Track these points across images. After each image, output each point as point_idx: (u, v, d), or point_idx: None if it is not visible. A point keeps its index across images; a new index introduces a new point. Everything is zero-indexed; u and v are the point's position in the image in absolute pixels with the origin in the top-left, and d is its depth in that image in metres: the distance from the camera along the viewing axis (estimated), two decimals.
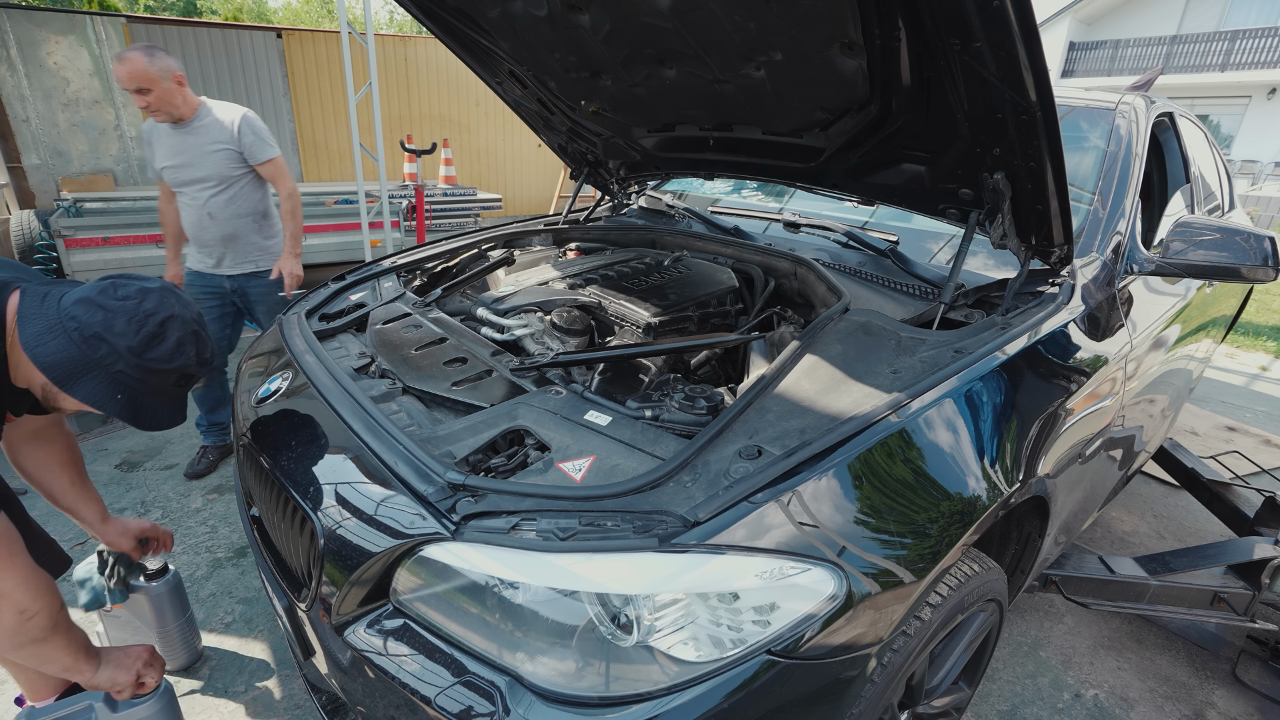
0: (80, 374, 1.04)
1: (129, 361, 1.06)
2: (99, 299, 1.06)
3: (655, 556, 0.88)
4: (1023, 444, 1.24)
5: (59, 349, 1.02)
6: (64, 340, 1.03)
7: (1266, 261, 1.63)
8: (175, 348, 1.11)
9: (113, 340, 1.04)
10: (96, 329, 1.04)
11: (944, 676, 1.37)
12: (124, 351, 1.05)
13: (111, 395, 1.07)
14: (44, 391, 1.10)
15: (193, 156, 2.47)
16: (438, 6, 1.81)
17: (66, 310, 1.04)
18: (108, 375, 1.06)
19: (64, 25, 6.19)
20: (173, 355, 1.10)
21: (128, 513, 2.48)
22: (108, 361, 1.05)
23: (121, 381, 1.07)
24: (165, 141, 2.46)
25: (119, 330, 1.05)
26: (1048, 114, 1.13)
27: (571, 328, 1.66)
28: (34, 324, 1.03)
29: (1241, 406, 4.13)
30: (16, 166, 6.14)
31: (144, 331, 1.07)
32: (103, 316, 1.04)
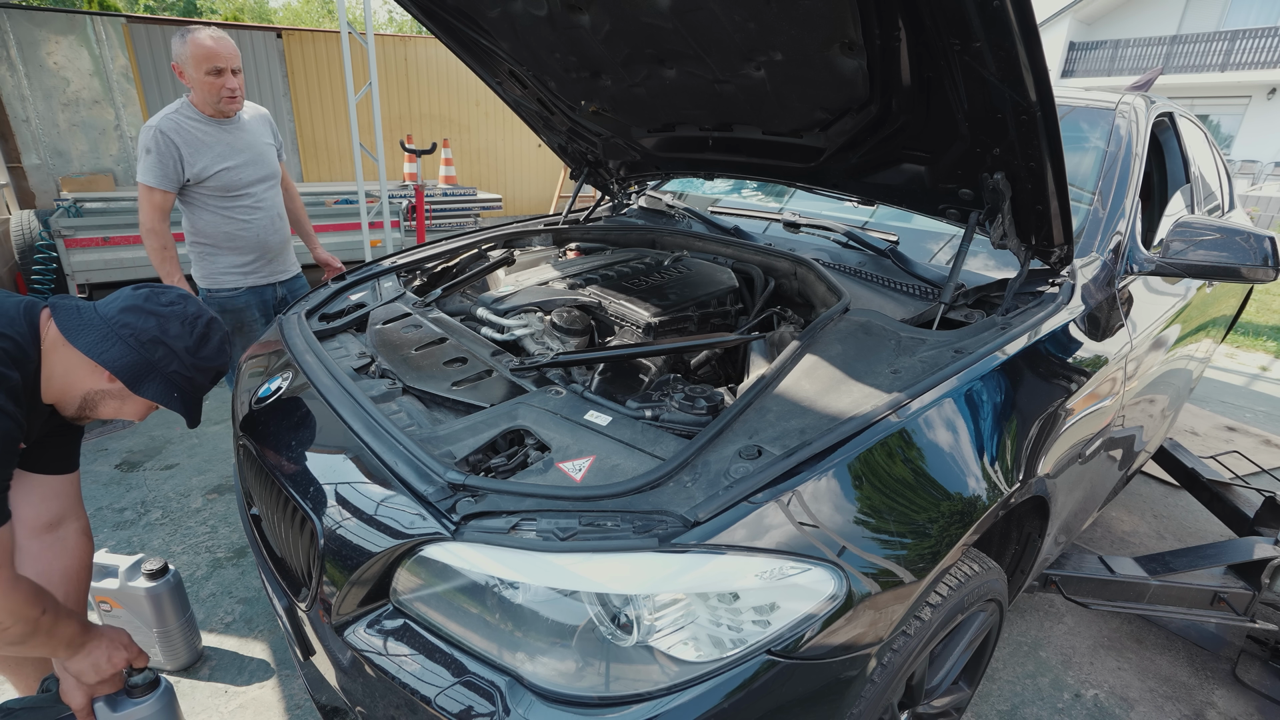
0: (144, 376, 1.12)
1: (184, 361, 1.15)
2: (147, 306, 1.14)
3: (655, 556, 0.88)
4: (1023, 444, 1.24)
5: (123, 354, 1.10)
6: (124, 346, 1.10)
7: (1266, 261, 1.63)
8: (219, 347, 1.22)
9: (170, 342, 1.13)
10: (154, 333, 1.12)
11: (944, 676, 1.37)
12: (181, 352, 1.14)
13: (170, 394, 1.16)
14: (84, 401, 1.13)
15: (255, 153, 2.23)
16: (438, 6, 1.81)
17: (116, 319, 1.11)
18: (164, 376, 1.14)
19: (64, 25, 6.19)
20: (218, 353, 1.21)
21: (128, 512, 2.48)
22: (165, 363, 1.14)
23: (176, 381, 1.16)
24: (208, 141, 2.11)
25: (174, 333, 1.14)
26: (1048, 114, 1.13)
27: (571, 328, 1.66)
28: (87, 334, 1.09)
29: (1241, 406, 4.13)
30: (16, 166, 6.14)
31: (195, 333, 1.16)
32: (157, 322, 1.13)
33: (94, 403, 1.15)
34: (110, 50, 6.46)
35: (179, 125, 2.07)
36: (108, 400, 1.15)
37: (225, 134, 2.16)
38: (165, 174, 2.06)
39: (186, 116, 2.09)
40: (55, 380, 1.10)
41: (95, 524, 2.40)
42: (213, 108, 2.10)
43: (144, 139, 2.05)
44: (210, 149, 2.12)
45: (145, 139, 2.04)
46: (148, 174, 2.06)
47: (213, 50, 2.00)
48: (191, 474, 2.77)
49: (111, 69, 6.51)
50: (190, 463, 2.86)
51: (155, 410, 1.23)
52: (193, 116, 2.10)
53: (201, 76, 2.02)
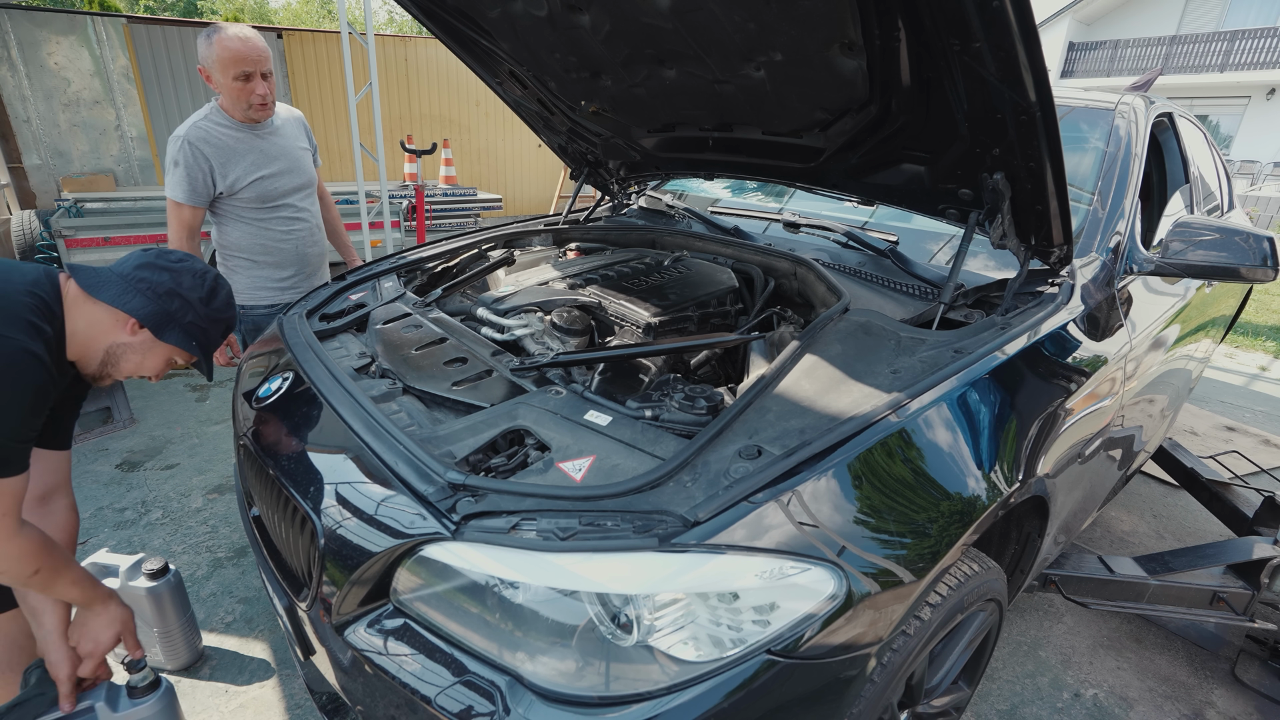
0: (165, 324, 1.18)
1: (198, 312, 1.21)
2: (159, 262, 1.20)
3: (655, 556, 0.88)
4: (1022, 444, 1.24)
5: (145, 304, 1.16)
6: (145, 297, 1.16)
7: (1265, 261, 1.63)
8: (227, 299, 1.29)
9: (185, 294, 1.20)
10: (169, 285, 1.18)
11: (944, 676, 1.37)
12: (196, 303, 1.21)
13: (189, 342, 1.22)
14: (107, 355, 1.17)
15: (290, 160, 2.09)
16: (438, 6, 1.81)
17: (132, 275, 1.17)
18: (182, 326, 1.21)
19: (65, 26, 6.20)
20: (227, 305, 1.28)
21: (128, 512, 2.49)
22: (181, 313, 1.20)
23: (192, 331, 1.22)
24: (240, 149, 1.97)
25: (188, 285, 1.21)
26: (1047, 114, 1.13)
27: (571, 328, 1.66)
28: (108, 289, 1.14)
29: (1241, 406, 4.13)
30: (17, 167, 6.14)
31: (206, 285, 1.24)
32: (170, 276, 1.19)
33: (116, 357, 1.18)
34: (111, 50, 6.46)
35: (208, 134, 1.93)
36: (129, 354, 1.19)
37: (259, 140, 2.01)
38: (195, 188, 1.93)
39: (216, 123, 1.95)
40: (79, 335, 1.14)
41: (95, 524, 2.40)
42: (242, 114, 1.97)
43: (171, 151, 1.91)
44: (244, 157, 1.98)
45: (172, 151, 1.91)
46: (176, 189, 1.92)
47: (240, 53, 1.86)
48: (192, 474, 2.77)
49: (112, 69, 6.52)
50: (190, 462, 2.86)
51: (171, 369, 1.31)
52: (223, 123, 1.96)
53: (229, 82, 1.88)
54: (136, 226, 4.46)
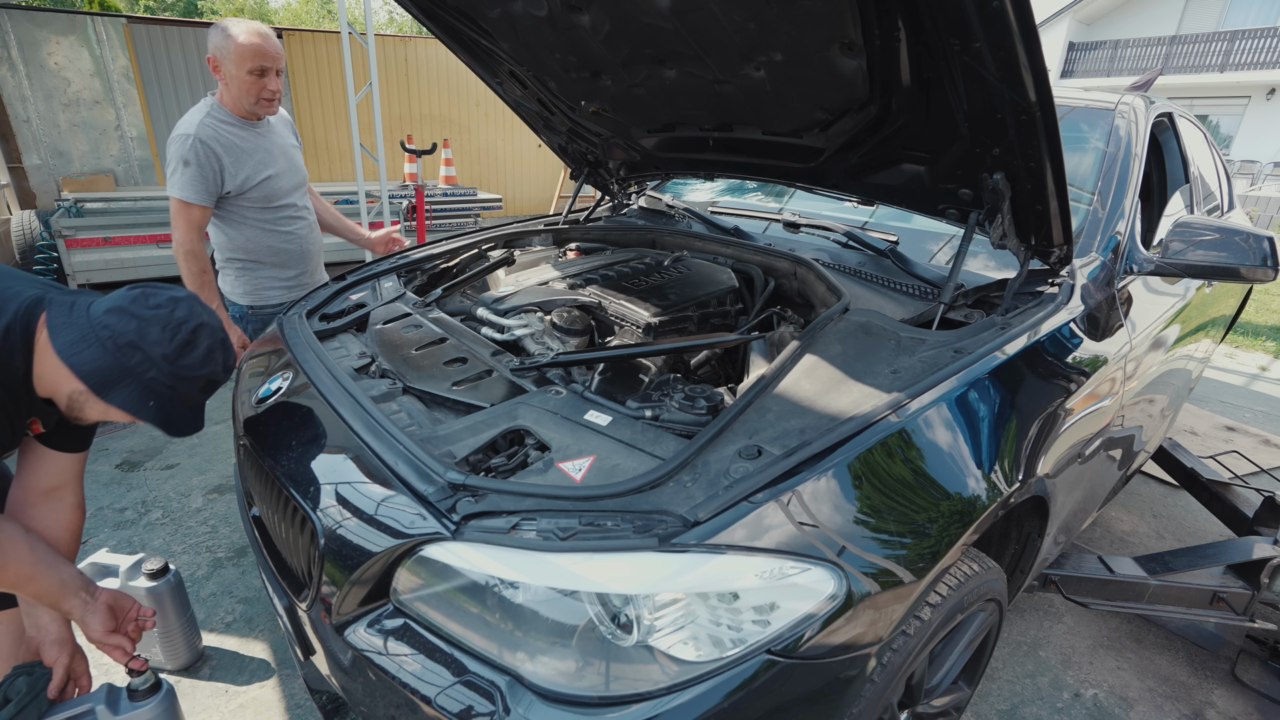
0: (116, 381, 1.07)
1: (162, 369, 1.08)
2: (132, 308, 1.08)
3: (655, 556, 0.88)
4: (1022, 444, 1.24)
5: (94, 357, 1.05)
6: (99, 349, 1.05)
7: (1265, 261, 1.63)
8: (206, 355, 1.14)
9: (147, 348, 1.07)
10: (131, 337, 1.06)
11: (944, 676, 1.37)
12: (158, 359, 1.08)
13: (145, 402, 1.09)
14: (70, 401, 1.11)
15: (288, 159, 2.08)
16: (438, 6, 1.81)
17: (99, 319, 1.07)
18: (141, 383, 1.08)
19: (65, 26, 6.20)
20: (204, 362, 1.14)
21: (128, 512, 2.49)
22: (141, 369, 1.07)
23: (154, 389, 1.09)
24: (247, 148, 1.96)
25: (153, 339, 1.07)
26: (1047, 114, 1.13)
27: (571, 328, 1.66)
28: (67, 333, 1.06)
29: (1241, 406, 4.13)
30: (17, 167, 6.14)
31: (178, 339, 1.10)
32: (137, 325, 1.07)
33: (79, 404, 1.11)
34: (111, 50, 6.46)
35: (216, 132, 1.90)
36: (91, 402, 1.10)
37: (260, 138, 2.01)
38: (206, 188, 1.89)
39: (220, 120, 1.92)
40: (45, 379, 1.09)
41: (95, 524, 2.40)
42: (246, 109, 1.94)
43: (180, 150, 1.86)
44: (251, 156, 1.97)
45: (182, 150, 1.85)
46: (187, 189, 1.87)
47: (260, 48, 1.85)
48: (192, 474, 2.77)
49: (112, 69, 6.52)
50: (191, 462, 2.86)
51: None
52: (226, 120, 1.93)
53: (243, 75, 1.86)
54: (136, 226, 4.47)
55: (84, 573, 1.27)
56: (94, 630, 1.23)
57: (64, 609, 1.22)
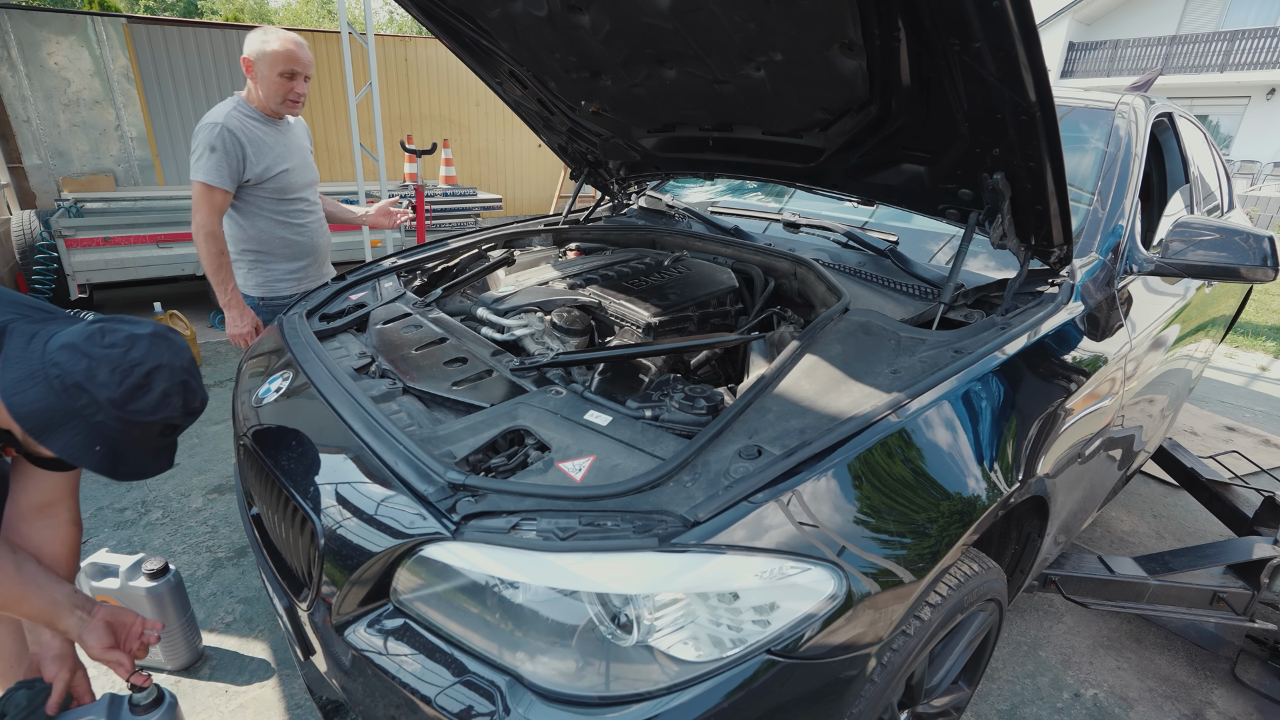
0: (58, 424, 0.99)
1: (109, 413, 1.00)
2: (84, 345, 1.00)
3: (655, 556, 0.88)
4: (1022, 444, 1.24)
5: (37, 398, 0.97)
6: (44, 389, 0.97)
7: (1265, 261, 1.63)
8: (160, 399, 1.05)
9: (94, 391, 0.98)
10: (78, 378, 0.98)
11: (944, 676, 1.37)
12: (105, 403, 0.99)
13: (90, 447, 1.01)
14: (23, 437, 1.05)
15: (302, 158, 2.24)
16: (438, 6, 1.81)
17: (50, 356, 0.99)
18: (88, 425, 1.00)
19: (65, 26, 6.19)
20: (157, 407, 1.04)
21: (128, 512, 2.49)
22: (88, 412, 0.99)
23: (102, 432, 1.01)
24: (268, 141, 2.11)
25: (101, 380, 0.99)
26: (1047, 114, 1.13)
27: (571, 328, 1.66)
28: (15, 369, 0.99)
29: (1241, 406, 4.13)
30: (17, 167, 6.14)
31: (128, 383, 1.01)
32: (86, 365, 0.99)
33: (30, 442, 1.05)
34: (111, 51, 6.46)
35: (242, 124, 2.04)
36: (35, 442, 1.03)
37: (280, 135, 2.16)
38: (229, 173, 2.01)
39: (245, 114, 2.07)
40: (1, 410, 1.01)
41: (95, 524, 2.40)
42: (272, 108, 2.10)
43: (207, 137, 1.98)
44: (271, 149, 2.11)
45: (209, 137, 1.98)
46: (211, 173, 1.98)
47: (294, 54, 2.03)
48: (192, 474, 2.77)
49: (112, 69, 6.51)
50: (191, 462, 2.86)
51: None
52: (251, 115, 2.09)
53: (274, 76, 2.03)
54: (136, 226, 4.46)
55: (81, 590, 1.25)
56: (92, 648, 1.20)
57: (60, 628, 1.19)
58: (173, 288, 5.35)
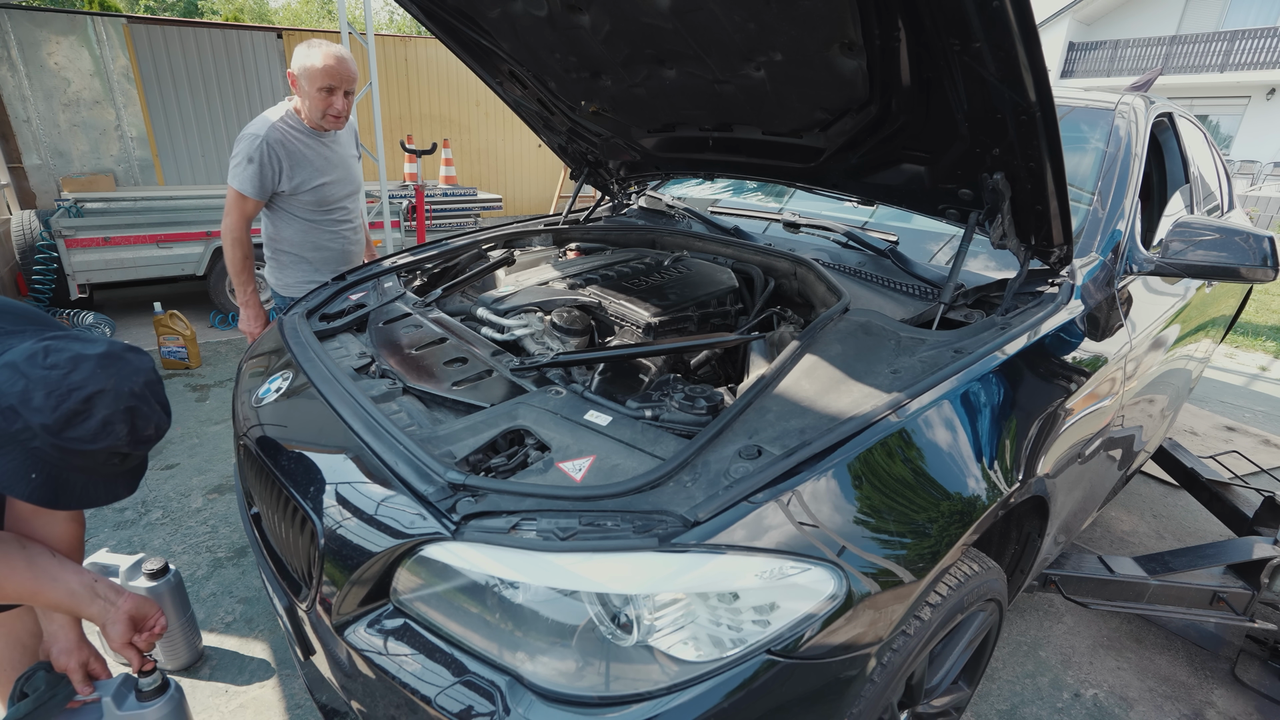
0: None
1: (45, 440, 0.93)
2: (24, 365, 0.94)
3: (655, 556, 0.88)
4: (1022, 444, 1.24)
5: None
6: None
7: (1265, 261, 1.63)
8: (100, 427, 0.96)
9: (28, 415, 0.91)
10: (12, 401, 0.91)
11: (944, 676, 1.37)
12: (37, 428, 0.92)
13: (24, 473, 0.94)
14: None
15: (346, 169, 2.27)
16: (438, 6, 1.82)
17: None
18: (24, 451, 0.93)
19: (65, 26, 6.20)
20: (97, 435, 0.96)
21: (128, 512, 2.49)
22: (24, 436, 0.92)
23: (40, 458, 0.94)
24: (308, 155, 2.15)
25: (36, 405, 0.92)
26: (1047, 114, 1.13)
27: (571, 328, 1.66)
28: None
29: (1241, 406, 4.13)
30: (17, 167, 6.14)
31: (63, 409, 0.93)
32: (22, 387, 0.92)
33: None
34: (111, 51, 6.46)
35: (285, 136, 2.09)
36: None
37: (324, 147, 2.19)
38: (262, 185, 2.10)
39: (290, 125, 2.12)
40: None
41: (95, 524, 2.40)
42: (315, 121, 2.14)
43: (248, 148, 2.05)
44: (310, 163, 2.15)
45: (249, 149, 2.05)
46: (246, 183, 2.08)
47: (332, 70, 2.04)
48: (192, 474, 2.77)
49: (112, 69, 6.52)
50: (190, 462, 2.86)
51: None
52: (296, 126, 2.13)
53: (313, 91, 2.06)
54: (136, 226, 4.46)
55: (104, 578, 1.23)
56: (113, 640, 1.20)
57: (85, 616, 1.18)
58: (173, 288, 5.35)
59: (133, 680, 1.28)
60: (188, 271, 4.67)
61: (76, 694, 1.24)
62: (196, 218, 4.64)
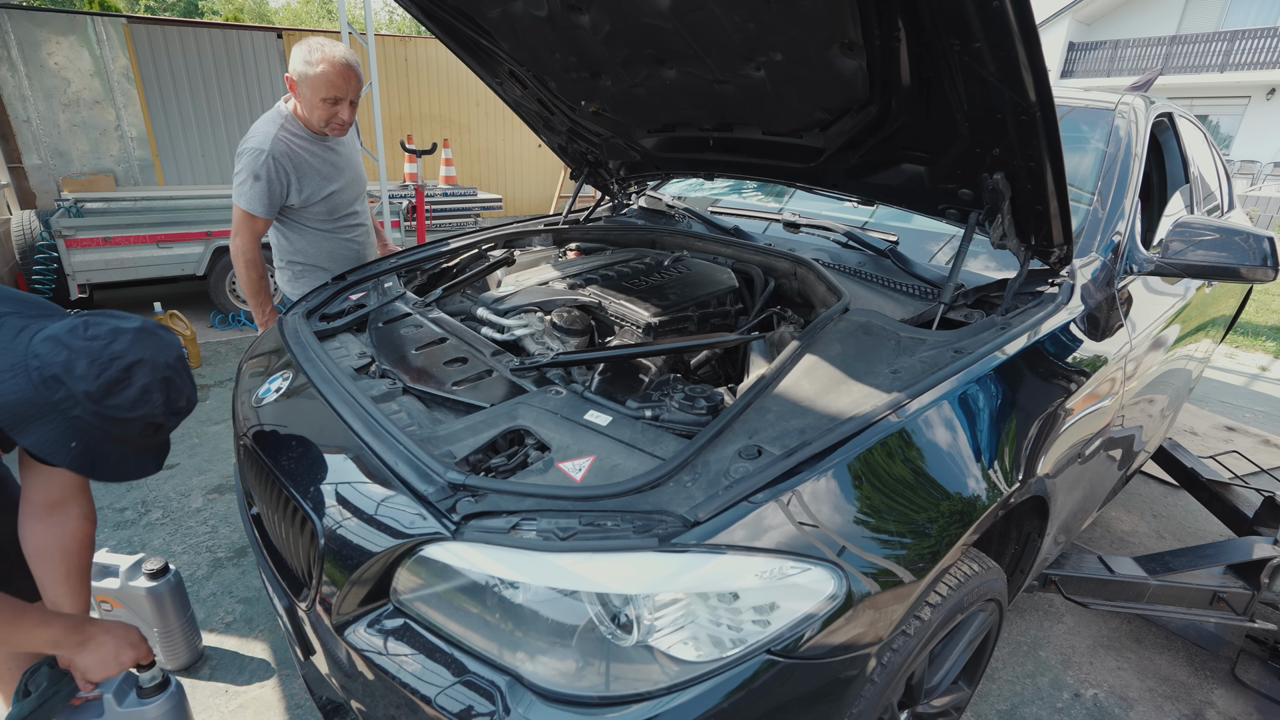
0: (33, 417, 0.96)
1: (86, 407, 0.98)
2: (66, 338, 0.98)
3: (655, 556, 0.88)
4: (1022, 444, 1.24)
5: (14, 389, 0.95)
6: (22, 380, 0.95)
7: (1265, 261, 1.63)
8: (139, 395, 1.01)
9: (71, 384, 0.96)
10: (56, 370, 0.96)
11: (944, 676, 1.37)
12: (81, 397, 0.97)
13: (65, 443, 0.99)
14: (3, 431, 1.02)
15: (354, 171, 2.17)
16: (438, 6, 1.81)
17: (33, 348, 0.98)
18: (64, 420, 0.98)
19: (65, 26, 6.20)
20: (136, 403, 1.01)
21: (128, 512, 2.49)
22: (65, 406, 0.97)
23: (79, 428, 0.99)
24: (315, 163, 2.03)
25: (79, 373, 0.97)
26: (1047, 114, 1.13)
27: (571, 328, 1.66)
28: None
29: (1241, 406, 4.13)
30: (17, 167, 6.14)
31: (105, 376, 0.98)
32: (65, 357, 0.97)
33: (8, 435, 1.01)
34: (111, 51, 6.46)
35: (289, 148, 1.96)
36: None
37: (329, 152, 2.08)
38: (271, 202, 1.99)
39: (293, 134, 1.98)
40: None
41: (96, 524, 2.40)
42: (318, 129, 2.02)
43: (253, 165, 1.93)
44: (318, 172, 2.05)
45: (254, 164, 1.92)
46: (254, 202, 1.95)
47: (334, 82, 1.90)
48: (192, 474, 2.77)
49: (112, 69, 6.52)
50: (191, 462, 2.86)
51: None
52: (299, 133, 2.00)
53: (316, 100, 1.93)
54: (136, 226, 4.46)
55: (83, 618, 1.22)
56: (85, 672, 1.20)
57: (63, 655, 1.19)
58: (173, 288, 5.35)
59: (134, 677, 1.28)
60: (188, 271, 4.67)
61: (79, 690, 1.24)
62: (196, 218, 4.64)
